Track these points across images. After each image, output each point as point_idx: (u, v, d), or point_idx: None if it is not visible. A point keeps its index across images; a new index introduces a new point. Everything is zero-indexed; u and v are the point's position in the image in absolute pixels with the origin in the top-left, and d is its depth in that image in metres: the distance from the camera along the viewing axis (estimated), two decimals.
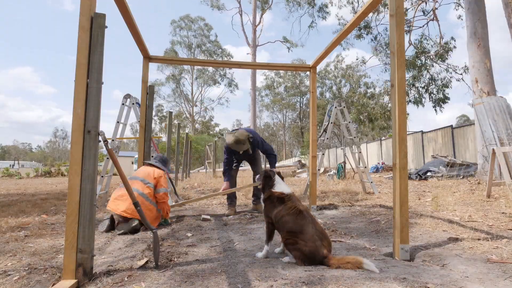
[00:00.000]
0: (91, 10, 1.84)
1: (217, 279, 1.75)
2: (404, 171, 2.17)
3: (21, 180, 16.82)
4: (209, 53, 41.11)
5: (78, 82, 1.79)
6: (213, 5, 32.51)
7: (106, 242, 2.67)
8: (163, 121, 41.08)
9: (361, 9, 2.94)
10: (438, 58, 14.73)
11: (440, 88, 15.23)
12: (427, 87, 15.47)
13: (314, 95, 4.39)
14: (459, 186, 6.48)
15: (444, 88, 15.16)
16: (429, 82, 15.36)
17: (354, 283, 1.63)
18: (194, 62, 4.97)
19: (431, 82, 15.35)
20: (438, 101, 15.39)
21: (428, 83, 15.37)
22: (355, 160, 6.42)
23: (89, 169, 1.77)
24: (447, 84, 15.12)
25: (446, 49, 14.49)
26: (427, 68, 15.23)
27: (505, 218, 3.21)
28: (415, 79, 15.50)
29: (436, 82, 15.26)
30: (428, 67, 15.24)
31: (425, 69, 15.21)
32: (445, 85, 15.13)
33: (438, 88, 15.28)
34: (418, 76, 15.33)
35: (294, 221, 2.03)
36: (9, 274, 1.89)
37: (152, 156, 4.76)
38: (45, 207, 4.81)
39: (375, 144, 21.13)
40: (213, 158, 14.81)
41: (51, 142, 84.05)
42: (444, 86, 15.14)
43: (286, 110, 53.76)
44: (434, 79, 15.31)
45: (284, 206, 2.12)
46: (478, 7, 7.87)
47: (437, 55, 14.64)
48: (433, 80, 15.31)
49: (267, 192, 2.24)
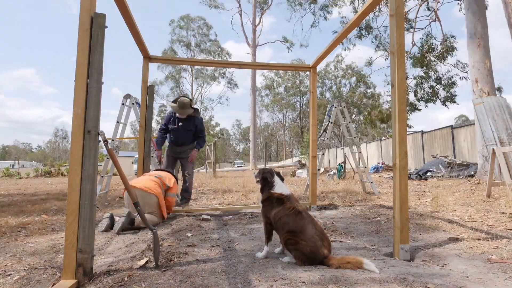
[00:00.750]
0: (91, 10, 1.84)
1: (217, 279, 1.75)
2: (404, 171, 2.17)
3: (21, 180, 16.82)
4: (208, 52, 41.10)
5: (78, 82, 1.79)
6: (211, 5, 32.63)
7: (106, 242, 2.67)
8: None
9: (361, 8, 2.94)
10: (442, 58, 14.75)
11: (446, 86, 15.28)
12: (434, 85, 15.52)
13: (314, 95, 4.39)
14: (459, 186, 6.48)
15: (452, 86, 15.22)
16: (437, 81, 15.42)
17: (354, 283, 1.63)
18: (194, 62, 4.97)
19: (438, 81, 15.41)
20: (446, 100, 15.48)
21: (437, 82, 15.42)
22: (355, 160, 6.42)
23: (89, 169, 1.77)
24: (454, 82, 15.19)
25: (447, 49, 14.50)
26: (432, 66, 15.26)
27: (505, 218, 3.21)
28: (423, 78, 15.52)
29: (443, 81, 15.31)
30: (433, 65, 15.28)
31: (431, 68, 15.24)
32: (453, 83, 15.19)
33: (445, 86, 15.32)
34: (428, 73, 15.36)
35: (294, 221, 2.03)
36: (9, 274, 1.89)
37: (152, 156, 4.77)
38: (45, 207, 4.81)
39: (375, 144, 21.14)
40: (213, 158, 14.81)
41: (51, 142, 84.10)
42: (453, 84, 15.19)
43: (286, 110, 53.79)
44: (440, 78, 15.36)
45: (283, 206, 2.12)
46: (478, 7, 7.87)
47: (440, 55, 14.67)
48: (440, 79, 15.36)
49: (266, 193, 2.23)
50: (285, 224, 2.04)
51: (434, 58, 14.88)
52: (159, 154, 4.75)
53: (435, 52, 14.79)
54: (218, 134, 48.26)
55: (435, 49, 14.85)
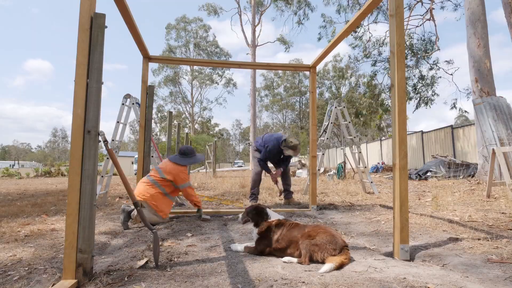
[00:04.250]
0: (91, 10, 1.84)
1: (217, 279, 1.75)
2: (404, 171, 2.17)
3: (21, 180, 16.81)
4: (208, 53, 41.07)
5: (78, 82, 1.79)
6: (210, 12, 32.85)
7: (106, 242, 2.67)
8: (163, 121, 40.98)
9: (361, 8, 2.94)
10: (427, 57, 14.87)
11: (427, 85, 15.34)
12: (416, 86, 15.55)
13: (314, 95, 4.39)
14: (459, 186, 6.49)
15: (432, 85, 15.27)
16: (418, 81, 15.43)
17: (355, 283, 1.64)
18: (194, 62, 4.97)
19: (419, 81, 15.42)
20: (424, 100, 15.53)
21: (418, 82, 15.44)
22: (355, 160, 6.42)
23: (89, 169, 1.77)
24: (435, 82, 15.25)
25: (427, 50, 14.70)
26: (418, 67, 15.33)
27: (505, 218, 3.21)
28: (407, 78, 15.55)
29: (425, 81, 15.33)
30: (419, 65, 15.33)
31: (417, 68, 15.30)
32: (432, 83, 15.26)
33: (426, 85, 15.36)
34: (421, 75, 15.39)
35: (301, 228, 2.17)
36: (9, 274, 1.89)
37: (152, 156, 4.77)
38: (45, 207, 4.81)
39: (375, 144, 21.14)
40: (213, 158, 14.79)
41: (51, 142, 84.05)
42: (432, 84, 15.26)
43: (286, 110, 53.75)
44: (424, 77, 15.36)
45: (283, 227, 2.23)
46: (477, 7, 7.87)
47: (425, 56, 14.80)
48: (422, 79, 15.36)
49: (265, 224, 2.28)
50: (293, 237, 2.13)
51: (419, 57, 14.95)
52: None
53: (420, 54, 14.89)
54: (218, 134, 48.16)
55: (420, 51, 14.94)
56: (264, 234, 2.25)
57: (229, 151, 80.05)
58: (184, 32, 40.66)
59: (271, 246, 2.19)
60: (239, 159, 65.04)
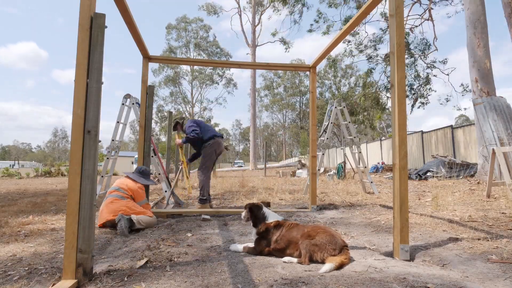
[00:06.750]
0: (91, 10, 1.84)
1: (217, 279, 1.75)
2: (404, 171, 2.17)
3: (21, 180, 16.81)
4: (208, 53, 41.04)
5: (78, 82, 1.79)
6: (210, 12, 32.85)
7: (106, 242, 2.67)
8: (163, 121, 40.94)
9: (362, 8, 2.94)
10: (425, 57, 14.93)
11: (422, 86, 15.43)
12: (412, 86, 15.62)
13: (314, 95, 4.39)
14: (459, 186, 6.48)
15: (426, 85, 15.36)
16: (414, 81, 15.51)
17: (355, 283, 1.64)
18: (194, 62, 4.97)
19: (415, 81, 15.50)
20: (416, 100, 15.61)
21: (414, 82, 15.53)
22: (355, 160, 6.42)
23: (89, 169, 1.77)
24: (429, 81, 15.34)
25: (424, 49, 14.78)
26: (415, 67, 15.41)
27: (505, 218, 3.21)
28: None
29: (421, 80, 15.41)
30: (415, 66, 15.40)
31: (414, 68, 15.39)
32: (427, 83, 15.35)
33: (424, 84, 15.45)
34: None
35: (300, 228, 2.17)
36: (9, 274, 1.89)
37: (152, 156, 4.77)
38: (45, 207, 4.81)
39: (375, 144, 21.14)
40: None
41: (51, 142, 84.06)
42: (426, 84, 15.35)
43: (286, 110, 53.78)
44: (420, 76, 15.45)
45: (282, 227, 2.23)
46: (477, 7, 7.86)
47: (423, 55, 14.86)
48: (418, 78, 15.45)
49: (262, 225, 2.28)
50: (293, 237, 2.12)
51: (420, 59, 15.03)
52: None
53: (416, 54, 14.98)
54: None
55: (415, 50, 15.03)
56: (263, 234, 2.25)
57: (229, 151, 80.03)
58: (185, 32, 40.64)
59: (270, 246, 2.19)
60: (239, 159, 65.06)
